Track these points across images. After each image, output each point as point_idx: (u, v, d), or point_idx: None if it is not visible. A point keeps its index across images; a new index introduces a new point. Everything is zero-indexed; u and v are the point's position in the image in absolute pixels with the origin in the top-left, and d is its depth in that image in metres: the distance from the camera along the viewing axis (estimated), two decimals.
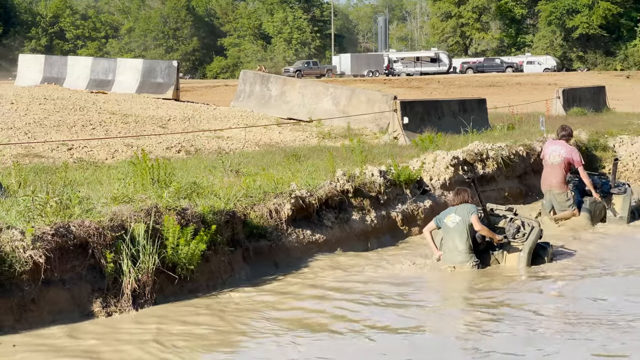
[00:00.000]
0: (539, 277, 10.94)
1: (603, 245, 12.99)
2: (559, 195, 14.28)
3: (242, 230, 10.80)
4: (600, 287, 10.35)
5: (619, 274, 11.12)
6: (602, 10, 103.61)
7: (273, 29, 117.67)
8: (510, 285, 10.50)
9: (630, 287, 10.32)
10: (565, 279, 10.96)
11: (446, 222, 11.33)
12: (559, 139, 14.64)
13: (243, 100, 28.02)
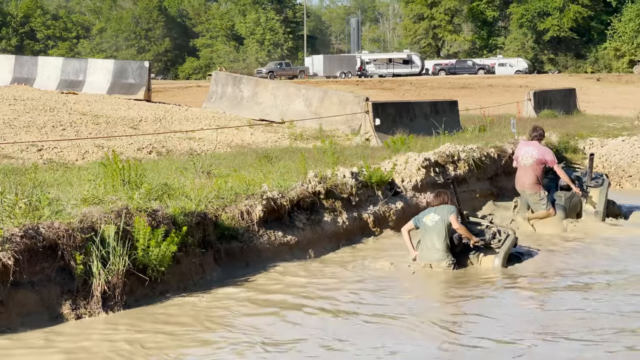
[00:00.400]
0: (513, 277, 11.00)
1: (575, 248, 13.04)
2: (532, 196, 14.40)
3: (213, 231, 10.77)
4: (573, 291, 10.41)
5: (588, 275, 11.19)
6: (572, 13, 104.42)
7: (245, 30, 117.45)
8: (484, 286, 10.54)
9: (598, 289, 10.39)
10: (538, 280, 11.02)
11: (425, 221, 11.48)
12: (531, 139, 14.75)
13: (215, 101, 27.95)
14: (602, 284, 10.55)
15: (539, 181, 14.38)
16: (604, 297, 9.80)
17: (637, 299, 9.59)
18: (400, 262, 11.59)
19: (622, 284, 10.52)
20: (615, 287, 10.27)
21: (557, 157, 15.37)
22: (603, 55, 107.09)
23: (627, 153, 20.59)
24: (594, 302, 9.59)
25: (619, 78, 72.87)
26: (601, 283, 10.58)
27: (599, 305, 9.40)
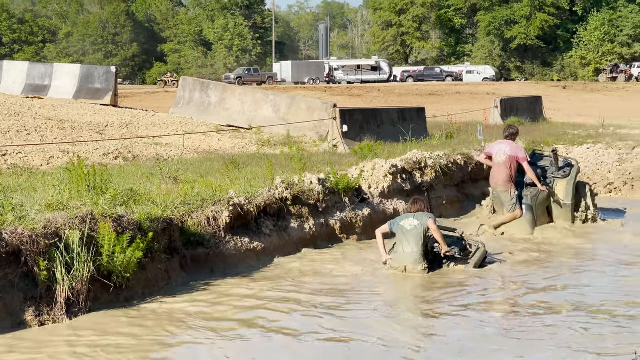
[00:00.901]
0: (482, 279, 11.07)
1: (541, 260, 13.09)
2: (503, 193, 14.68)
3: (179, 237, 10.72)
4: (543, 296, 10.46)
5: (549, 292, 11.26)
6: (539, 21, 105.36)
7: (214, 35, 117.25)
8: (452, 296, 10.57)
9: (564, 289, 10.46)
10: (503, 295, 11.07)
11: (403, 224, 11.63)
12: (505, 138, 15.09)
13: (182, 107, 27.85)
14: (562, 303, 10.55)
15: (511, 179, 14.63)
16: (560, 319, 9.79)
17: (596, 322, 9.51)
18: (369, 269, 11.61)
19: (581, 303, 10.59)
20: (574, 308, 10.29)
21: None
22: (569, 64, 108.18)
23: (592, 161, 20.75)
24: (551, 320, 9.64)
25: (584, 86, 73.51)
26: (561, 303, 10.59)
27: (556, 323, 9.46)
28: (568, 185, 15.19)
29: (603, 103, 49.97)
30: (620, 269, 12.02)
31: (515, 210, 14.61)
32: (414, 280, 11.17)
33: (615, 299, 10.07)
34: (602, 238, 14.46)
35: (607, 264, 12.43)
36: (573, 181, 15.27)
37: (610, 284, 11.09)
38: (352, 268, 11.70)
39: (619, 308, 9.58)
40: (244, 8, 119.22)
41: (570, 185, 15.20)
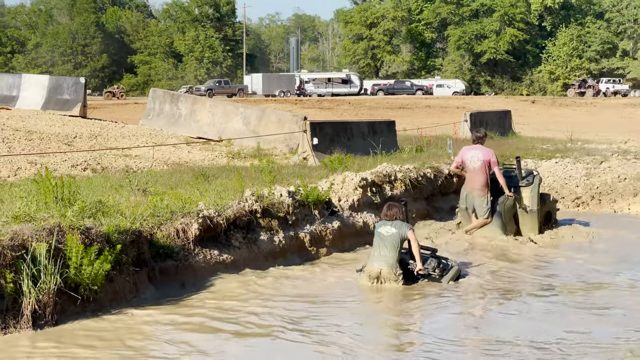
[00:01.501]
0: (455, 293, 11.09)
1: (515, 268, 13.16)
2: (479, 198, 14.93)
3: (148, 250, 10.65)
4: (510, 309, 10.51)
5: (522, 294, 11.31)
6: (509, 36, 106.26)
7: (184, 47, 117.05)
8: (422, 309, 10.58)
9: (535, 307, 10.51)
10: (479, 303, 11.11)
11: (380, 231, 11.71)
12: (474, 142, 15.31)
13: (152, 118, 27.75)
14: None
15: (487, 183, 14.90)
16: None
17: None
18: (340, 281, 11.60)
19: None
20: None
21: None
22: (538, 78, 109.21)
23: (560, 175, 20.88)
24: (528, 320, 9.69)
25: (553, 101, 74.07)
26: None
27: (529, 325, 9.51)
28: (532, 193, 15.56)
29: (571, 118, 50.32)
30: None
31: (486, 216, 14.91)
32: (385, 292, 11.17)
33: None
34: (568, 254, 14.54)
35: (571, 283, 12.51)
36: (537, 189, 15.64)
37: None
38: (324, 280, 11.68)
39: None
40: (214, 20, 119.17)
41: (535, 193, 15.57)
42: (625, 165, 21.04)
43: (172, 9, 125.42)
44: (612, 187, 19.92)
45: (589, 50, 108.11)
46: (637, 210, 18.74)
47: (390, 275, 11.42)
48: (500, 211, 15.15)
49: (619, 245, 15.18)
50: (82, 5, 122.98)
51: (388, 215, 11.91)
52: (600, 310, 10.35)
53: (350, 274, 12.03)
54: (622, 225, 17.29)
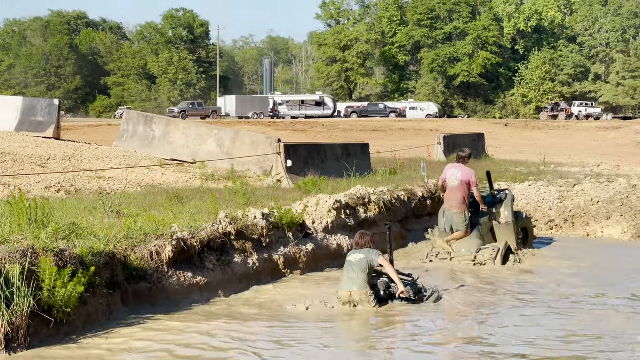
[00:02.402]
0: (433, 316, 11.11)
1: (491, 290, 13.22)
2: (457, 215, 15.53)
3: (121, 272, 10.61)
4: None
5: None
6: (482, 59, 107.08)
7: (158, 69, 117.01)
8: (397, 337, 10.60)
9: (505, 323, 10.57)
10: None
11: (350, 258, 11.83)
12: (457, 161, 15.94)
13: (126, 140, 27.67)
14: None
15: (465, 201, 15.52)
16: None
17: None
18: (314, 304, 11.61)
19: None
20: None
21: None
22: (511, 101, 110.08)
23: (533, 198, 21.04)
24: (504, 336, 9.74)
25: (526, 124, 74.60)
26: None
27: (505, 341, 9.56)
28: (506, 207, 16.35)
29: (544, 141, 50.71)
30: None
31: (466, 231, 15.55)
32: (360, 316, 11.19)
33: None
34: (544, 275, 14.63)
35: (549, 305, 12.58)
36: (510, 204, 16.43)
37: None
38: (297, 303, 11.68)
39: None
40: (188, 42, 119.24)
41: (508, 207, 16.35)
42: (598, 189, 21.23)
43: (146, 30, 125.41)
44: (585, 210, 20.08)
45: (562, 73, 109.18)
46: (610, 234, 18.89)
47: (361, 295, 11.45)
48: (476, 223, 15.82)
49: (594, 268, 15.31)
50: (56, 27, 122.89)
51: (359, 245, 12.02)
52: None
53: (322, 293, 12.04)
54: (596, 249, 17.45)
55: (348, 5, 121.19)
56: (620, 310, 11.76)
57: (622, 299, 12.53)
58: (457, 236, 15.62)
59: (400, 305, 11.72)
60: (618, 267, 15.46)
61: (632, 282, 13.94)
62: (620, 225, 18.91)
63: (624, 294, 12.86)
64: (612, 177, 22.79)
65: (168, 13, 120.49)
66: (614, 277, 14.44)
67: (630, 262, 16.08)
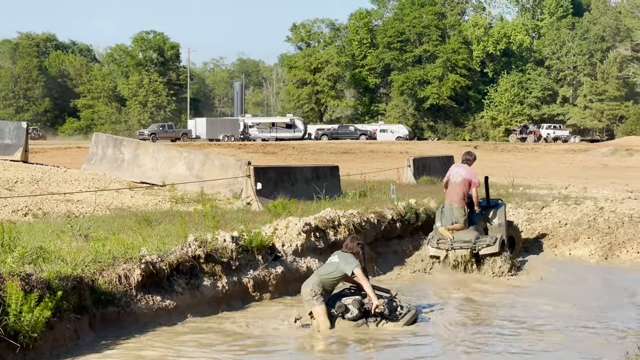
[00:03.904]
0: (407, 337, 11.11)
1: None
2: (457, 210, 17.01)
3: (89, 296, 10.54)
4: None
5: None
6: (451, 82, 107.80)
7: (128, 91, 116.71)
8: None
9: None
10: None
11: (330, 258, 12.04)
12: (462, 162, 17.63)
13: (95, 163, 27.52)
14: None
15: (464, 197, 17.04)
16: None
17: None
18: (282, 326, 11.60)
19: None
20: None
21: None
22: (480, 124, 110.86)
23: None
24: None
25: (495, 146, 75.02)
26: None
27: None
28: (500, 212, 17.92)
29: (513, 163, 50.99)
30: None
31: (464, 223, 16.94)
32: (325, 336, 11.19)
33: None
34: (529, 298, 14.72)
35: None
36: (503, 209, 18.10)
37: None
38: (267, 326, 11.64)
39: None
40: (158, 64, 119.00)
41: (502, 212, 17.96)
42: (566, 211, 21.37)
43: (116, 53, 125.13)
44: (553, 232, 20.19)
45: (530, 96, 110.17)
46: (579, 255, 18.99)
47: (305, 295, 11.63)
48: (476, 221, 17.29)
49: (566, 287, 15.48)
50: (25, 49, 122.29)
51: (346, 248, 12.07)
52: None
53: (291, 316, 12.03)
54: (567, 269, 17.60)
55: (318, 28, 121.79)
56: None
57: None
58: (457, 227, 16.91)
59: (374, 326, 11.70)
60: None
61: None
62: (588, 247, 19.02)
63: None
64: (579, 200, 22.94)
65: (138, 35, 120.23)
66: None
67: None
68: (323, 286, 11.70)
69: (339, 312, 11.65)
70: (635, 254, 18.51)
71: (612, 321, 12.56)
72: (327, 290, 11.81)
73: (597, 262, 18.42)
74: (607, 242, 19.02)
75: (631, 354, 7.97)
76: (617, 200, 23.12)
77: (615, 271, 17.48)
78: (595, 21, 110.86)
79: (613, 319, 12.71)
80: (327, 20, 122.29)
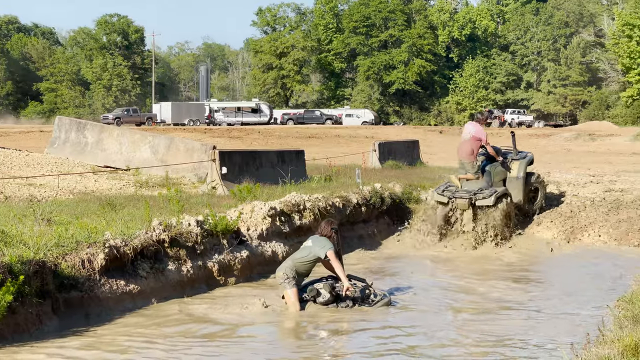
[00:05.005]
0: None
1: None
2: (468, 164, 18.73)
3: (52, 280, 10.44)
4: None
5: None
6: (417, 67, 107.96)
7: (92, 75, 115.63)
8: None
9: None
10: None
11: (305, 242, 12.34)
12: (474, 120, 20.17)
13: (58, 147, 27.26)
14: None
15: (473, 153, 18.68)
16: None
17: None
18: (248, 310, 11.58)
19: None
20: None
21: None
22: (446, 109, 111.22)
23: None
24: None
25: (460, 131, 75.10)
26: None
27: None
28: (521, 165, 19.52)
29: None
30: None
31: (477, 175, 18.59)
32: (294, 319, 11.20)
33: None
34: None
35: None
36: (525, 163, 19.63)
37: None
38: (232, 310, 11.62)
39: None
40: (123, 48, 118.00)
41: (523, 165, 19.54)
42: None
43: (79, 36, 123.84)
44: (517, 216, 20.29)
45: (495, 81, 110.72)
46: (543, 238, 19.08)
47: (279, 278, 11.84)
48: (490, 171, 18.80)
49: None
50: None
51: (320, 232, 12.29)
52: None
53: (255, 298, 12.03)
54: (534, 253, 17.78)
55: (284, 12, 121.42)
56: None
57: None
58: (468, 176, 18.65)
59: (346, 309, 11.73)
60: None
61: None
62: (551, 231, 19.15)
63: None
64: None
65: (102, 19, 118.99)
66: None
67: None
68: (297, 270, 11.86)
69: (310, 295, 11.72)
70: (596, 237, 18.67)
71: (577, 303, 12.68)
72: (301, 274, 11.96)
73: (560, 245, 18.50)
74: (570, 225, 19.17)
75: (592, 335, 8.02)
76: (580, 185, 23.36)
77: (581, 253, 17.65)
78: (559, 7, 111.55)
79: (578, 301, 12.84)
80: (292, 5, 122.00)
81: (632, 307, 8.93)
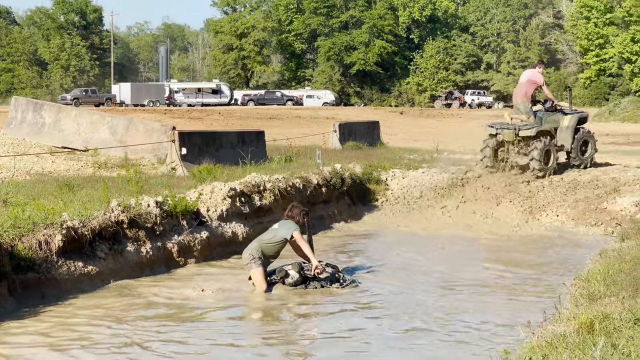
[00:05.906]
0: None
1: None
2: (522, 104, 20.90)
3: (8, 262, 10.33)
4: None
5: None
6: (377, 48, 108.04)
7: (49, 55, 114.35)
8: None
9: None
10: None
11: (273, 225, 12.42)
12: (531, 67, 21.90)
13: (14, 127, 26.92)
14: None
15: (527, 95, 20.90)
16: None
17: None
18: (208, 291, 11.54)
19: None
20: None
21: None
22: (406, 90, 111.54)
23: (427, 185, 21.25)
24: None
25: (420, 112, 75.59)
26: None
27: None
28: (572, 117, 21.31)
29: (438, 128, 51.35)
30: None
31: (530, 117, 20.72)
32: (255, 299, 11.18)
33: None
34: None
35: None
36: (576, 117, 21.41)
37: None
38: (192, 292, 11.57)
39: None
40: (81, 28, 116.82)
41: (575, 118, 21.33)
42: (488, 175, 21.60)
43: (36, 15, 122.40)
44: (475, 196, 20.41)
45: (455, 62, 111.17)
46: (502, 218, 19.21)
47: (245, 259, 11.93)
48: (543, 118, 20.95)
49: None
50: None
51: (287, 216, 12.43)
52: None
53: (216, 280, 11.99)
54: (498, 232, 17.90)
55: None
56: None
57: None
58: (521, 117, 20.81)
59: (315, 290, 11.73)
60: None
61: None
62: (510, 211, 19.31)
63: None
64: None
65: None
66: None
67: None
68: (264, 252, 11.94)
69: (279, 277, 11.74)
70: (554, 217, 18.86)
71: (535, 282, 12.81)
72: (268, 256, 12.02)
73: (519, 225, 18.64)
74: (528, 205, 19.34)
75: (548, 314, 8.09)
76: None
77: (539, 233, 17.82)
78: None
79: (536, 280, 12.96)
80: None
81: (588, 285, 9.02)
